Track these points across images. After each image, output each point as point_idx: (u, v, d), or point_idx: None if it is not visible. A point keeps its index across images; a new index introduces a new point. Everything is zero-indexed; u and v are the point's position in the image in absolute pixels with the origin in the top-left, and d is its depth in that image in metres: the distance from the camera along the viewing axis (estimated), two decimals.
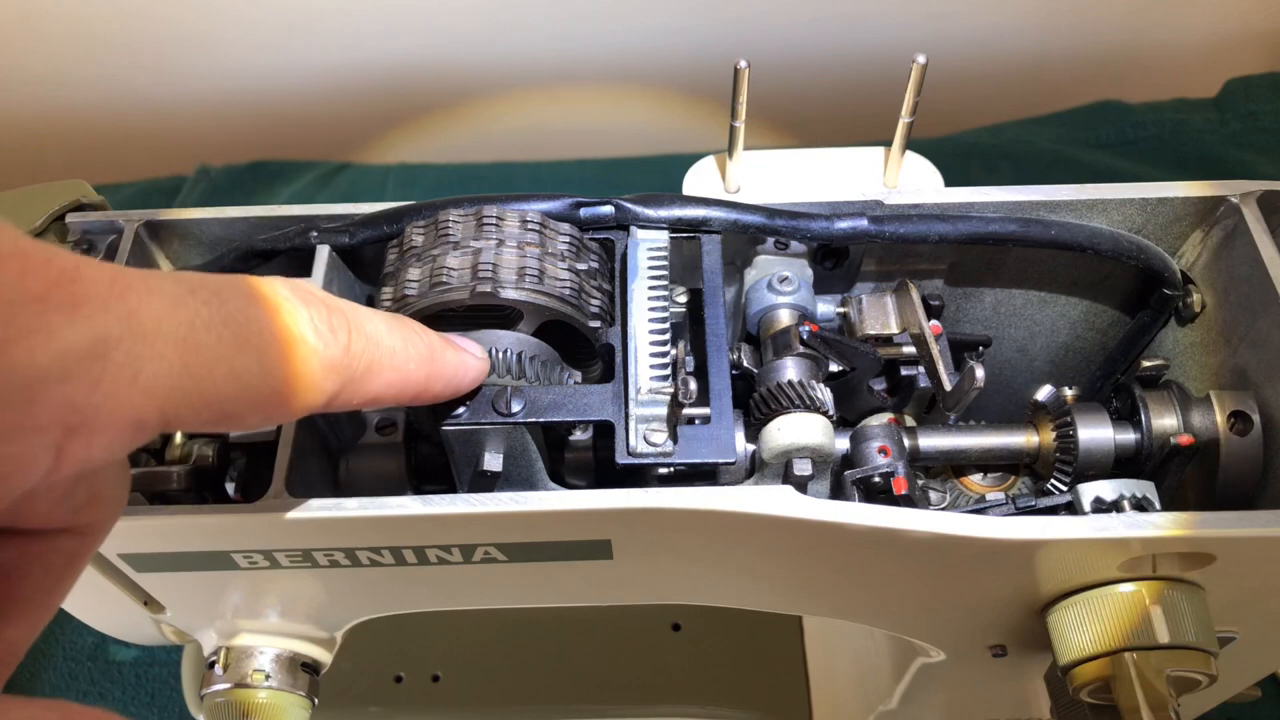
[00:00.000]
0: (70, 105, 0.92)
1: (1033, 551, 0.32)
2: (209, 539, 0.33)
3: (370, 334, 0.26)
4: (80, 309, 0.19)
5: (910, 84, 0.37)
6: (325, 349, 0.24)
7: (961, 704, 0.46)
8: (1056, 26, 0.91)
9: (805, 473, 0.34)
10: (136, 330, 0.20)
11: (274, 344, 0.23)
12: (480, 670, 0.61)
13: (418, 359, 0.28)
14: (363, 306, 0.27)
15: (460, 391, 0.31)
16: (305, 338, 0.24)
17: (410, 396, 0.28)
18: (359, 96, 0.93)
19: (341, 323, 0.25)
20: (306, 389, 0.24)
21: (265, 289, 0.24)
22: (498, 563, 0.35)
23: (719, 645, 0.61)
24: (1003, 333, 0.45)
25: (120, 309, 0.20)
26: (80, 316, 0.19)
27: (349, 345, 0.25)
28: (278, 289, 0.24)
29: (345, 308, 0.26)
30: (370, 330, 0.26)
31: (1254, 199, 0.38)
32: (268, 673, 0.40)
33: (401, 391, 0.27)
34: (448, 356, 0.29)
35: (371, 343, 0.26)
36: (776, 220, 0.37)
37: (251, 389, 0.22)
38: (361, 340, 0.25)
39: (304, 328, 0.24)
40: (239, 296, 0.23)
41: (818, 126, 0.94)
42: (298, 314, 0.24)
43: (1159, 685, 0.32)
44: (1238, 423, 0.36)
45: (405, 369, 0.27)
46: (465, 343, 0.31)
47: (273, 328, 0.23)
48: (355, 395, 0.26)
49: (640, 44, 0.90)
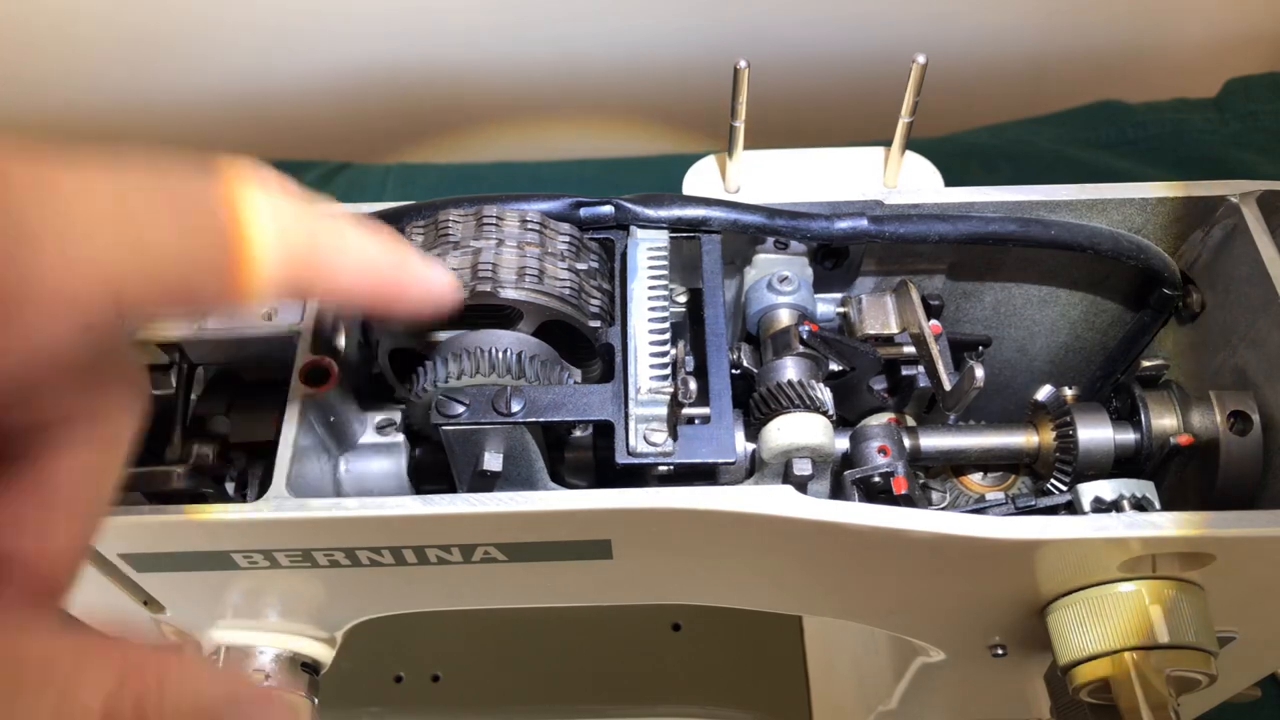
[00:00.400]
0: (70, 105, 0.92)
1: (1033, 551, 0.32)
2: (209, 539, 0.33)
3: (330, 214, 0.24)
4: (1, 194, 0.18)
5: (910, 84, 0.37)
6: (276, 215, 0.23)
7: (961, 704, 0.46)
8: (1056, 26, 0.90)
9: (805, 473, 0.34)
10: (66, 209, 0.19)
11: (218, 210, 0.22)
12: (480, 670, 0.61)
13: (384, 250, 0.26)
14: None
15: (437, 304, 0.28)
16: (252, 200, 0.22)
17: (381, 294, 0.26)
18: (359, 96, 0.93)
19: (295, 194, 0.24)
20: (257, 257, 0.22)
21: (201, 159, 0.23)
22: (498, 563, 0.35)
23: (719, 645, 0.61)
24: (1003, 333, 0.45)
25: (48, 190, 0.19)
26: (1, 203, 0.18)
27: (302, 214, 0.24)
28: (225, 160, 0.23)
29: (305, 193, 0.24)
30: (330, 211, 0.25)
31: (1254, 199, 0.38)
32: (268, 673, 0.40)
33: (368, 282, 0.26)
34: (423, 270, 0.27)
35: (330, 222, 0.24)
36: (776, 220, 0.37)
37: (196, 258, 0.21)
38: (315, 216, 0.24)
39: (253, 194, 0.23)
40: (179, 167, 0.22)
41: (818, 126, 0.94)
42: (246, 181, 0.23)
43: (1159, 685, 0.32)
44: (1237, 423, 0.36)
45: (374, 261, 0.25)
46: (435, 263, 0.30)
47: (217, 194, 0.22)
48: (317, 275, 0.24)
49: (640, 44, 0.90)
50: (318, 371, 0.35)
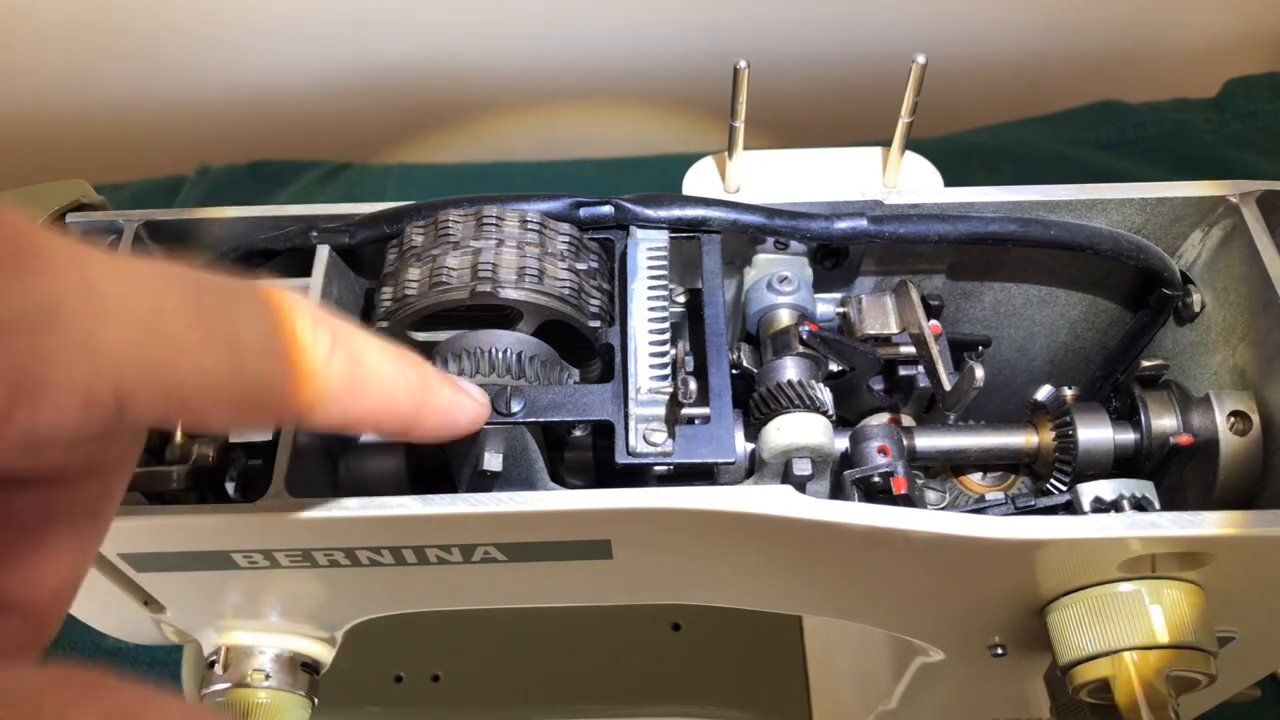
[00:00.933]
0: (70, 105, 0.92)
1: (1032, 551, 0.32)
2: (209, 539, 0.33)
3: (357, 352, 0.25)
4: (34, 274, 0.18)
5: (910, 84, 0.37)
6: (303, 357, 0.23)
7: (961, 704, 0.46)
8: (1056, 26, 0.90)
9: (805, 472, 0.34)
10: (93, 304, 0.19)
11: (247, 345, 0.22)
12: (480, 670, 0.61)
13: (407, 389, 0.26)
14: (358, 328, 0.26)
15: (455, 433, 0.29)
16: (282, 344, 0.22)
17: (398, 427, 0.27)
18: (359, 96, 0.93)
19: (326, 335, 0.24)
20: (278, 397, 0.23)
21: (249, 288, 0.22)
22: (498, 563, 0.35)
23: (719, 645, 0.61)
24: (1002, 333, 0.45)
25: (78, 279, 0.19)
26: (30, 281, 0.18)
27: (330, 359, 0.24)
28: (264, 290, 0.23)
29: (335, 323, 0.24)
30: (358, 349, 0.25)
31: (1254, 199, 0.38)
32: (268, 672, 0.40)
33: (386, 419, 0.26)
34: (443, 393, 0.28)
35: (356, 361, 0.24)
36: (776, 220, 0.37)
37: (217, 388, 0.21)
38: (344, 357, 0.24)
39: (283, 333, 0.23)
40: (219, 291, 0.22)
41: (818, 126, 0.94)
42: (278, 318, 0.23)
43: (1159, 685, 0.32)
44: (1237, 422, 0.36)
45: (392, 396, 0.26)
46: (467, 385, 0.30)
47: (248, 327, 0.22)
48: (333, 415, 0.24)
49: (640, 44, 0.90)
50: None
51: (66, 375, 0.19)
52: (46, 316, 0.19)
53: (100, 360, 0.19)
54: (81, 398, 0.19)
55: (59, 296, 0.19)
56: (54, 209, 0.38)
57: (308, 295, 0.34)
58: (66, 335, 0.19)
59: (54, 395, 0.19)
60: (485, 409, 0.31)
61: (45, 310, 0.19)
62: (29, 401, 0.19)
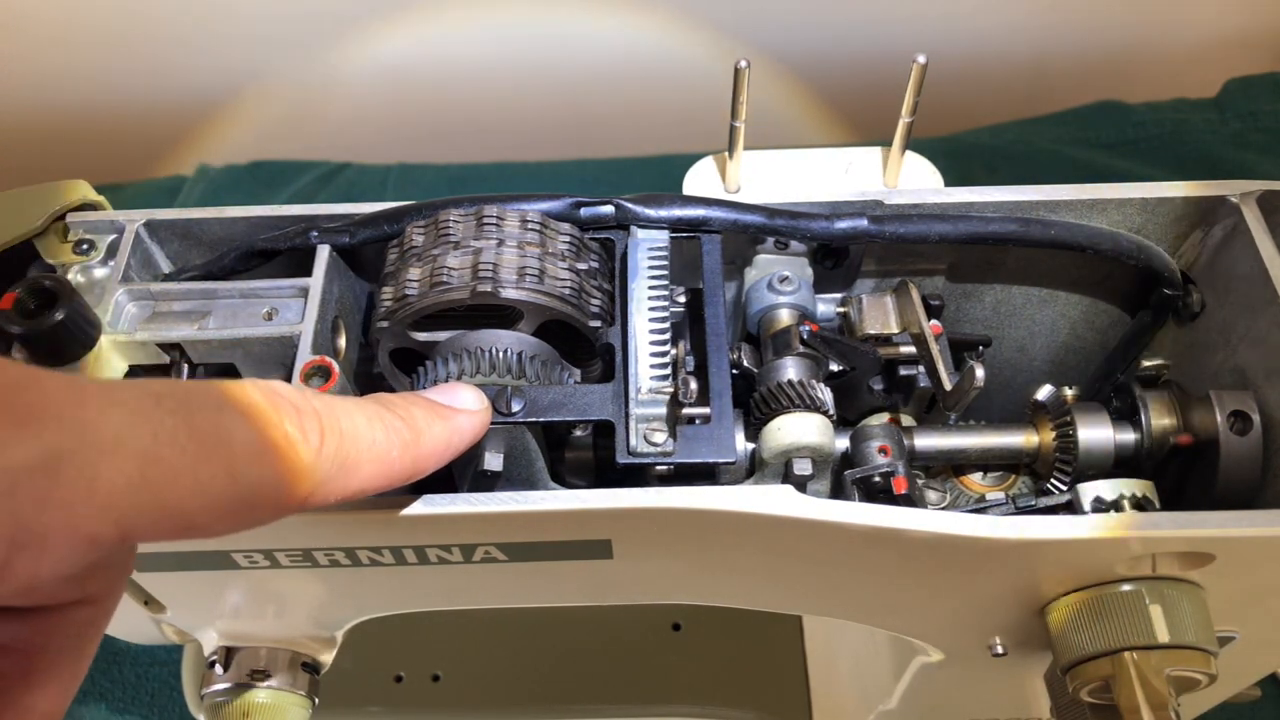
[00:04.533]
0: (70, 105, 0.92)
1: (1033, 551, 0.32)
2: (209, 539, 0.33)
3: (345, 430, 0.25)
4: (32, 422, 0.19)
5: (910, 84, 0.37)
6: (295, 454, 0.23)
7: (962, 704, 0.46)
8: (1056, 26, 0.91)
9: (805, 472, 0.34)
10: (93, 444, 0.19)
11: (241, 454, 0.22)
12: (480, 670, 0.61)
13: (401, 446, 0.27)
14: (341, 400, 0.26)
15: (459, 454, 0.30)
16: (274, 446, 0.23)
17: (399, 482, 0.27)
18: (359, 96, 0.93)
19: (314, 425, 0.24)
20: (275, 497, 0.23)
21: (235, 395, 0.23)
22: (498, 563, 0.35)
23: (719, 645, 0.61)
24: (1003, 333, 0.45)
25: (75, 422, 0.19)
26: (31, 430, 0.19)
27: (321, 447, 0.24)
28: (249, 394, 0.23)
29: (319, 406, 0.25)
30: (346, 426, 0.25)
31: (1254, 199, 0.38)
32: (268, 672, 0.40)
33: (387, 481, 0.27)
34: (435, 433, 0.28)
35: (347, 440, 0.25)
36: (776, 220, 0.37)
37: (217, 500, 0.22)
38: (335, 440, 0.25)
39: (273, 435, 0.23)
40: (207, 405, 0.22)
41: (818, 126, 0.94)
42: (267, 421, 0.23)
43: (1159, 685, 0.32)
44: (1237, 422, 0.36)
45: (387, 459, 0.26)
46: (463, 392, 0.30)
47: (240, 437, 0.22)
48: (333, 494, 0.25)
49: (640, 43, 0.90)
50: (318, 371, 0.35)
51: (69, 521, 0.19)
52: (48, 465, 0.19)
53: (102, 500, 0.20)
54: (85, 541, 0.20)
55: (60, 443, 0.19)
56: (54, 209, 0.38)
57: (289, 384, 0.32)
58: (69, 481, 0.19)
59: (55, 543, 0.19)
60: (485, 416, 0.31)
61: (47, 459, 0.19)
62: (30, 551, 0.19)
